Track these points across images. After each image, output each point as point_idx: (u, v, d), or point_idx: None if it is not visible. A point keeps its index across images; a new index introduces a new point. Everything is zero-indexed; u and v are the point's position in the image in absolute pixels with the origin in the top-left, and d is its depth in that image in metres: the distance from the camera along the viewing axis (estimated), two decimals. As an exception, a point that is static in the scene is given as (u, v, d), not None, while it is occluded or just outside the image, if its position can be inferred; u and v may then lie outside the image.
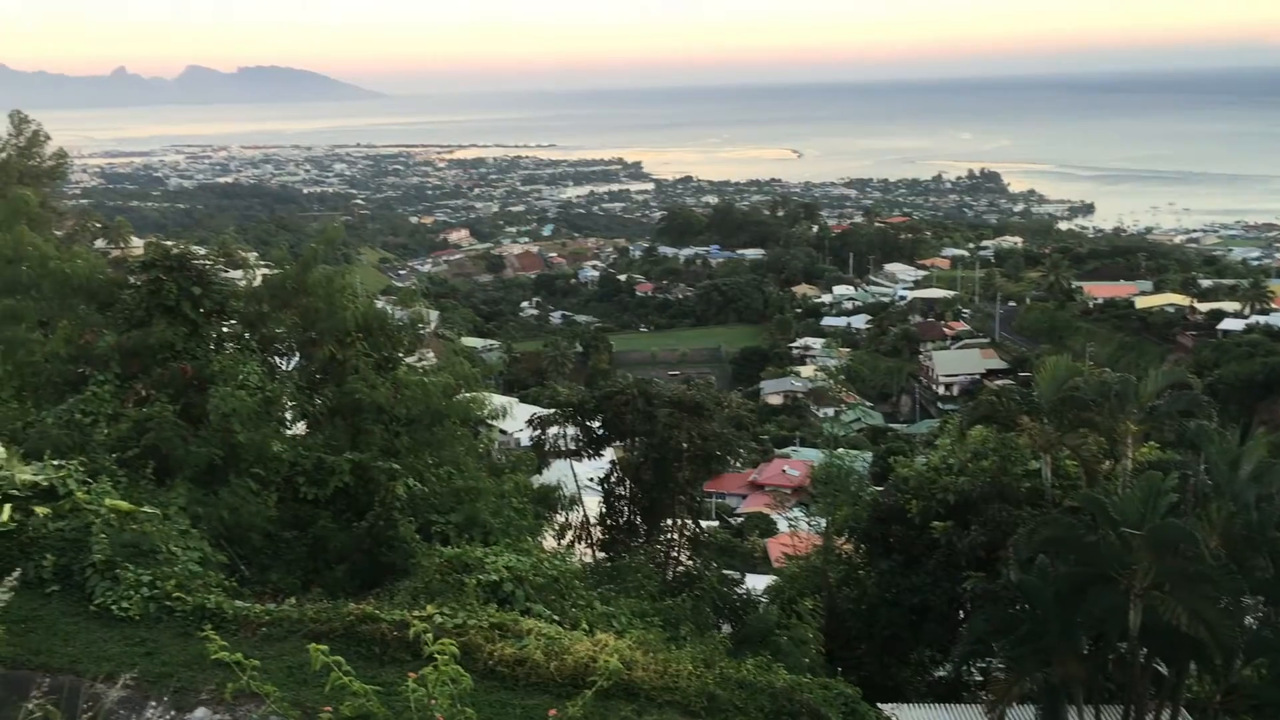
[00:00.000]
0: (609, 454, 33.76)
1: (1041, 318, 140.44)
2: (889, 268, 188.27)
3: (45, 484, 14.50)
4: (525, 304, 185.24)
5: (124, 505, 14.30)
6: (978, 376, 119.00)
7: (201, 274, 20.92)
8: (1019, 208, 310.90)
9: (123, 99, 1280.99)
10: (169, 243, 23.70)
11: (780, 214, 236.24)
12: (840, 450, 38.25)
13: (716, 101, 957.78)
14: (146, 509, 14.52)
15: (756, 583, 34.70)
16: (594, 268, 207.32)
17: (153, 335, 19.90)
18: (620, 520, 31.88)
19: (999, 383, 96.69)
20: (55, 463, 15.20)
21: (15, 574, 8.93)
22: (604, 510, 32.41)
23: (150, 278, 20.45)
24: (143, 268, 21.01)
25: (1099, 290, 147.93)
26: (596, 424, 32.32)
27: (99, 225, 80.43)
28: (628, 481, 31.83)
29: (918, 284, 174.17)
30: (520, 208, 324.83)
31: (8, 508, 13.80)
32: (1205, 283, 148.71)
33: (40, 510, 14.02)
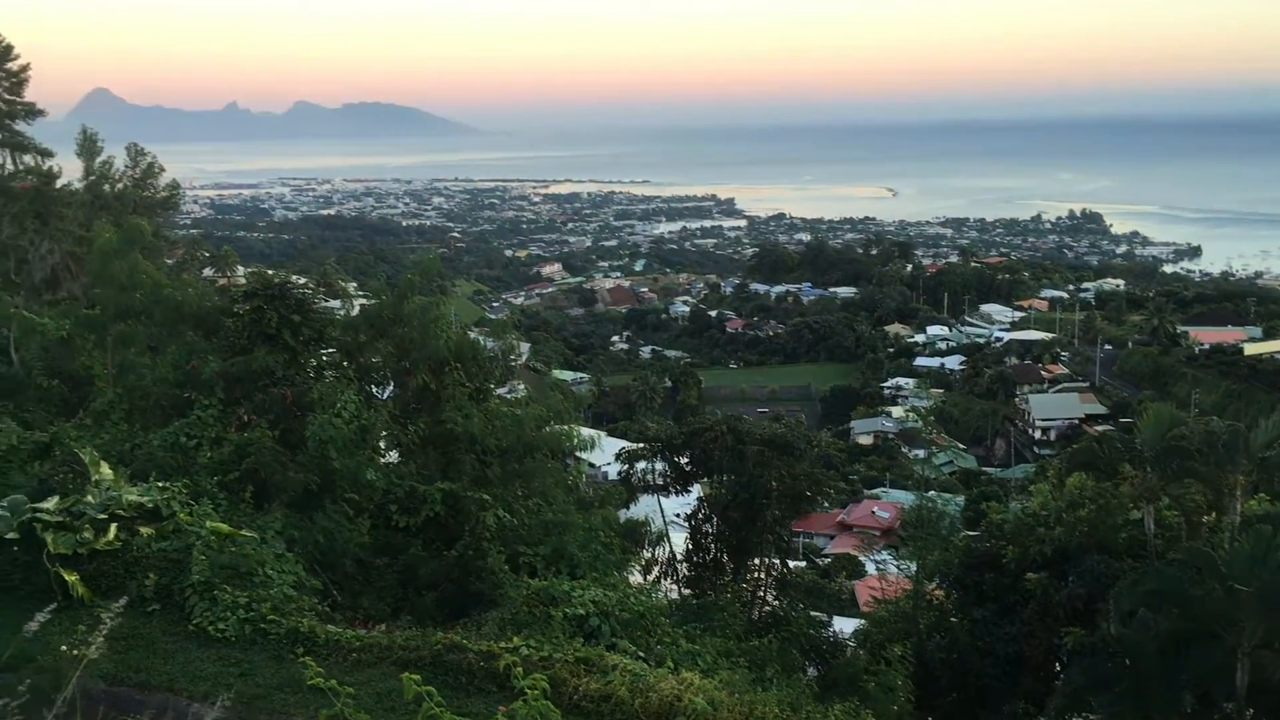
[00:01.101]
0: (697, 490, 33.59)
1: (1144, 362, 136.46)
2: (985, 308, 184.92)
3: (150, 505, 14.95)
4: (615, 338, 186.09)
5: (224, 527, 14.66)
6: (1076, 421, 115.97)
7: (301, 303, 21.46)
8: (1121, 249, 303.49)
9: (234, 133, 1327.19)
10: (270, 272, 24.41)
11: (874, 252, 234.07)
12: (932, 493, 37.45)
13: (811, 139, 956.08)
14: (245, 532, 14.86)
15: (844, 626, 34.13)
16: (685, 303, 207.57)
17: (254, 362, 20.46)
18: (707, 557, 31.62)
19: (1099, 428, 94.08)
20: (160, 484, 15.66)
21: (123, 600, 9.19)
22: (690, 547, 32.20)
23: (252, 306, 21.04)
24: (245, 296, 21.63)
25: (1205, 335, 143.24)
26: (685, 460, 32.17)
27: (207, 254, 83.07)
28: (715, 519, 31.60)
29: (1015, 325, 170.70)
30: (613, 242, 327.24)
31: (114, 527, 14.25)
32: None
33: (145, 530, 14.46)
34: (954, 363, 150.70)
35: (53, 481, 15.87)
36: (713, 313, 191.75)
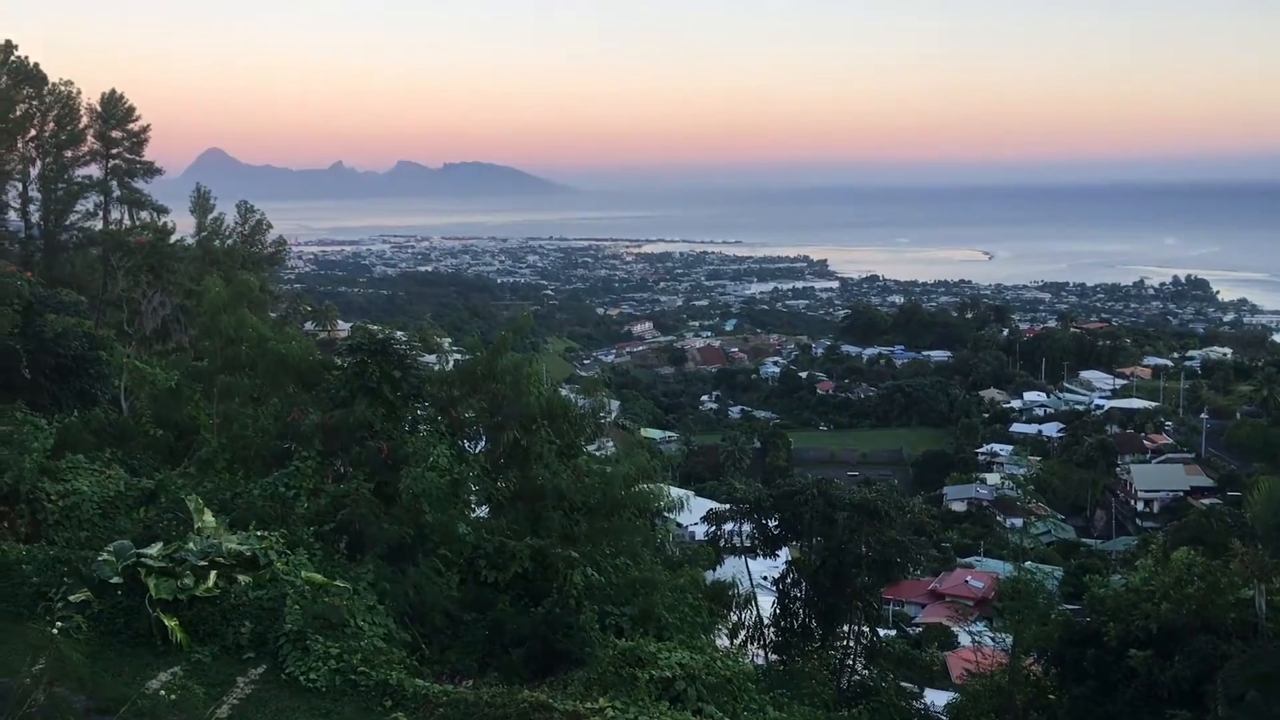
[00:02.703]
0: (785, 554, 33.21)
1: (1253, 435, 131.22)
2: (1084, 375, 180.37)
3: (248, 553, 15.28)
4: (705, 397, 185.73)
5: (318, 578, 14.91)
6: (1181, 494, 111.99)
7: (402, 358, 21.87)
8: (1229, 317, 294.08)
9: (339, 191, 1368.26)
10: (374, 327, 24.98)
11: (969, 316, 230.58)
12: (1029, 563, 36.37)
13: (907, 201, 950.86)
14: (338, 583, 15.09)
15: (936, 698, 33.24)
16: (775, 364, 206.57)
17: (353, 415, 20.88)
18: (795, 623, 31.19)
19: (1206, 502, 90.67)
20: (259, 533, 16.02)
21: (261, 669, 9.56)
22: (778, 611, 31.78)
23: (356, 360, 21.51)
24: (349, 350, 22.14)
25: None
26: (773, 522, 31.88)
27: (309, 309, 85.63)
28: (803, 583, 31.18)
29: (1115, 393, 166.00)
30: (704, 302, 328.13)
31: (213, 574, 14.60)
32: None
33: (242, 578, 14.78)
34: (1052, 430, 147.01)
35: (157, 528, 16.35)
36: (803, 374, 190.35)
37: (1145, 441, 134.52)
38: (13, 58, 60.33)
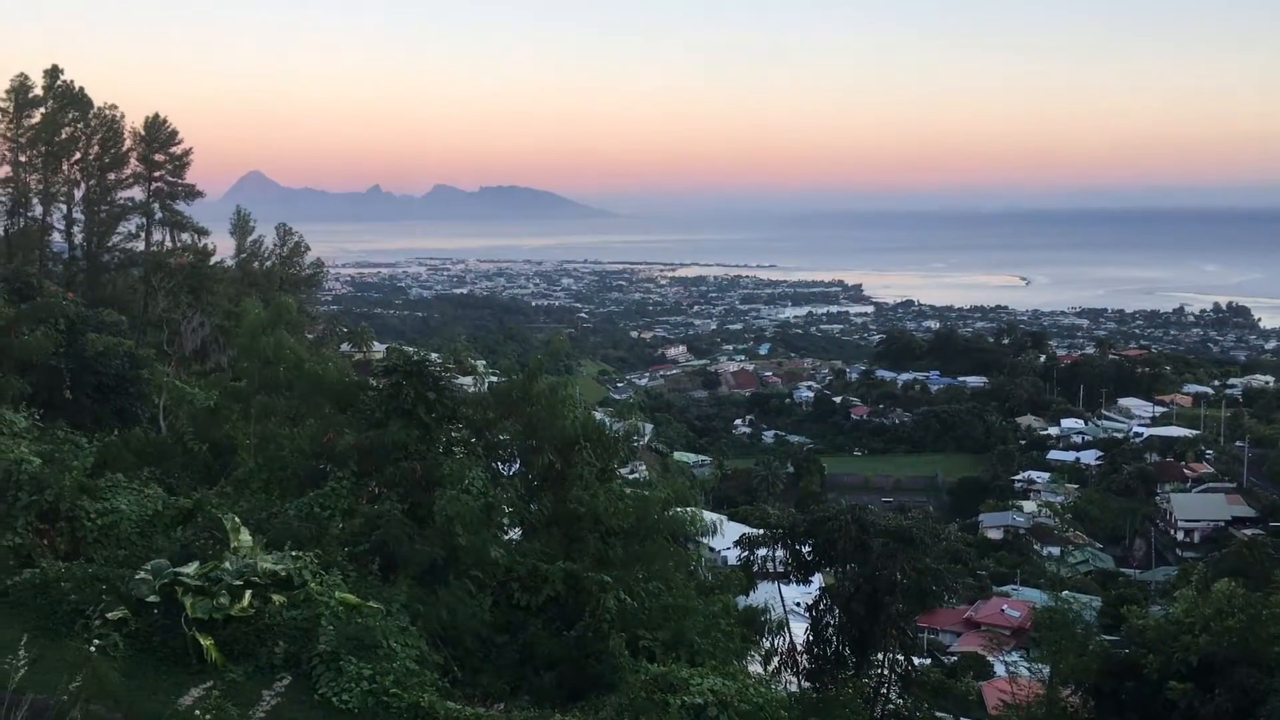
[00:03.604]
0: (818, 580, 32.95)
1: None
2: (1123, 402, 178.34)
3: (283, 573, 15.35)
4: (738, 421, 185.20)
5: (351, 599, 14.96)
6: (1222, 524, 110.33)
7: (437, 380, 21.99)
8: (1271, 345, 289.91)
9: (376, 214, 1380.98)
10: (409, 349, 25.13)
11: (1005, 341, 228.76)
12: (1066, 593, 35.93)
13: (943, 225, 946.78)
14: (372, 604, 15.13)
15: (971, 729, 32.85)
16: (809, 388, 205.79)
17: (388, 436, 21.00)
18: (828, 650, 30.89)
19: (1247, 532, 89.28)
20: (294, 553, 16.10)
21: (285, 680, 9.63)
22: (811, 638, 31.51)
23: (391, 381, 21.66)
24: (385, 372, 22.30)
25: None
26: (806, 548, 31.65)
27: (345, 330, 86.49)
28: (837, 610, 30.91)
29: (1155, 421, 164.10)
30: (738, 326, 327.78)
31: (248, 594, 14.68)
32: None
33: (277, 598, 14.85)
34: (1090, 457, 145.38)
35: (194, 547, 16.46)
36: (837, 399, 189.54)
37: (1185, 470, 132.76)
38: (59, 82, 61.61)
